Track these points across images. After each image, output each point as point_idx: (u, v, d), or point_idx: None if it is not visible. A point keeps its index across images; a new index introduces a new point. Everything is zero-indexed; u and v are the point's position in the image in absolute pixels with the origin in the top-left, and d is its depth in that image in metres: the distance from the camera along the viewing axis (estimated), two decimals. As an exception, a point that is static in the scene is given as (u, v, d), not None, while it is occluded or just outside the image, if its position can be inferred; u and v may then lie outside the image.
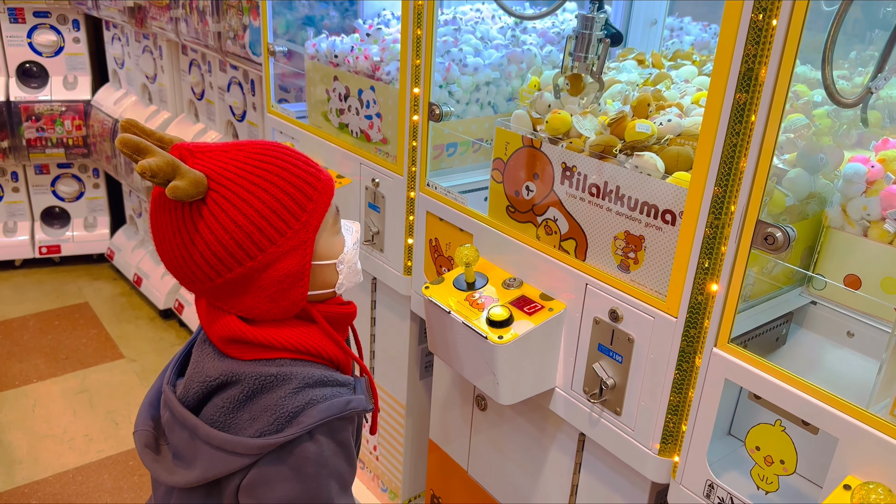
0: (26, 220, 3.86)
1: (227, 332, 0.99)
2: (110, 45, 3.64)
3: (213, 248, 0.94)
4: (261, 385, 0.97)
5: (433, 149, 1.63)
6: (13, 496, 2.38)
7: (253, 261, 0.95)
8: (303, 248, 0.98)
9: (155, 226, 0.98)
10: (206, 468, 0.97)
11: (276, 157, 0.98)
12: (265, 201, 0.94)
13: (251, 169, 0.95)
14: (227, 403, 0.98)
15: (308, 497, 0.97)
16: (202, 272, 0.96)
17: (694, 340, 1.11)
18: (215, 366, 1.00)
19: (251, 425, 0.96)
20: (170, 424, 1.03)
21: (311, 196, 0.98)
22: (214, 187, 0.93)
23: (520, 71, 1.77)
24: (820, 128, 1.23)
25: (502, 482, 1.64)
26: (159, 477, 1.02)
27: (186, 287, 1.01)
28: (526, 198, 1.36)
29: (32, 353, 3.17)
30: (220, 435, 0.96)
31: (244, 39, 2.34)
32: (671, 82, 1.49)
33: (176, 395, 1.02)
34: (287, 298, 0.99)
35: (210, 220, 0.93)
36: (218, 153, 0.96)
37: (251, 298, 0.98)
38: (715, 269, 1.05)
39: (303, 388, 0.96)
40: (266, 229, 0.95)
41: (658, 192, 1.13)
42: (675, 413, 1.17)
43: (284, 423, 0.95)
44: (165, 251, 0.97)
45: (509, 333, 1.26)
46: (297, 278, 0.98)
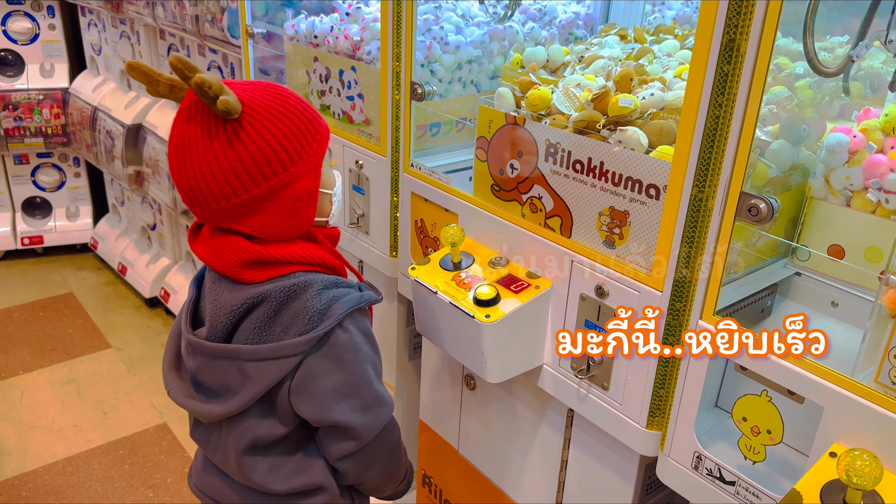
0: (7, 211, 3.82)
1: (242, 256, 1.08)
2: (87, 31, 3.58)
3: (247, 163, 1.03)
4: (286, 296, 1.07)
5: (416, 129, 1.62)
6: (3, 488, 2.37)
7: (277, 178, 1.06)
8: (315, 171, 1.10)
9: (182, 147, 1.04)
10: (258, 381, 1.08)
11: (288, 94, 1.10)
12: (288, 126, 1.06)
13: (273, 99, 1.07)
14: (257, 323, 1.08)
15: (353, 380, 1.11)
16: (229, 188, 1.04)
17: (679, 314, 1.11)
18: (237, 295, 1.09)
19: (287, 332, 1.07)
20: (205, 366, 1.13)
21: (318, 129, 1.11)
22: (246, 110, 1.04)
23: (502, 48, 1.76)
24: (802, 99, 1.23)
25: (493, 460, 1.64)
26: (211, 413, 1.12)
27: (202, 209, 1.07)
28: (510, 176, 1.35)
29: (18, 344, 3.14)
30: (264, 347, 1.07)
31: (222, 22, 2.31)
32: (653, 57, 1.49)
33: (202, 338, 1.12)
34: (300, 217, 1.10)
35: (243, 136, 1.03)
36: (239, 85, 1.07)
37: (270, 215, 1.08)
38: (699, 242, 1.05)
39: (323, 290, 1.09)
40: (289, 150, 1.06)
41: (642, 167, 1.13)
42: (661, 387, 1.17)
43: (318, 320, 1.07)
44: (192, 168, 1.04)
45: (496, 312, 1.26)
46: (310, 198, 1.11)
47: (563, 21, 1.90)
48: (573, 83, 1.36)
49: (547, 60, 1.62)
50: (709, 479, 1.11)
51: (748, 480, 1.05)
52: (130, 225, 3.69)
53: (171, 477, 2.44)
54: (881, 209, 1.06)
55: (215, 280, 1.13)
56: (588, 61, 1.51)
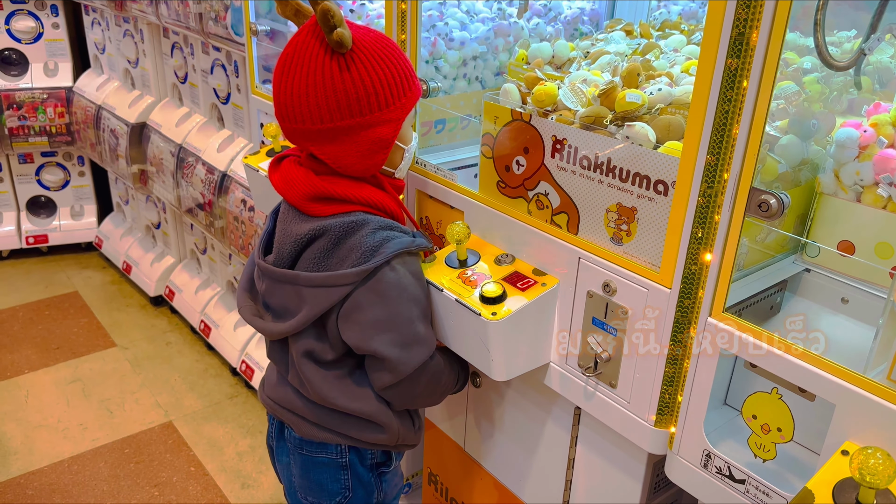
0: (12, 210, 3.82)
1: (310, 189, 1.20)
2: (90, 30, 3.58)
3: (339, 94, 1.12)
4: (344, 231, 1.18)
5: (421, 126, 1.61)
6: (9, 487, 2.38)
7: (362, 117, 1.15)
8: (397, 122, 1.19)
9: (289, 64, 1.14)
10: (312, 305, 1.19)
11: (396, 47, 1.20)
12: (387, 75, 1.15)
13: (382, 46, 1.16)
14: (317, 254, 1.20)
15: (394, 316, 1.20)
16: (319, 113, 1.14)
17: (688, 311, 1.10)
18: (302, 226, 1.21)
19: (341, 264, 1.18)
20: (271, 289, 1.26)
21: (412, 86, 1.21)
22: (355, 49, 1.13)
23: (507, 44, 1.75)
24: (811, 94, 1.22)
25: (499, 458, 1.64)
26: (272, 332, 1.26)
27: (290, 126, 1.17)
28: (517, 172, 1.34)
29: (23, 343, 3.14)
30: (319, 275, 1.18)
31: (226, 20, 2.30)
32: (660, 52, 1.48)
33: (269, 263, 1.24)
34: (371, 159, 1.20)
35: (345, 71, 1.12)
36: (355, 26, 1.16)
37: (346, 148, 1.17)
38: (708, 238, 1.04)
39: (378, 230, 1.19)
40: (381, 95, 1.15)
41: (650, 163, 1.12)
42: (670, 384, 1.16)
43: (369, 256, 1.17)
44: (292, 86, 1.13)
45: (503, 310, 1.25)
46: (385, 144, 1.19)
47: (569, 17, 1.89)
48: (579, 79, 1.35)
49: (552, 56, 1.61)
50: (718, 477, 1.10)
51: (758, 479, 1.04)
52: (135, 224, 3.69)
53: (177, 475, 2.44)
54: (892, 204, 1.05)
55: (286, 211, 1.25)
56: (594, 57, 1.51)
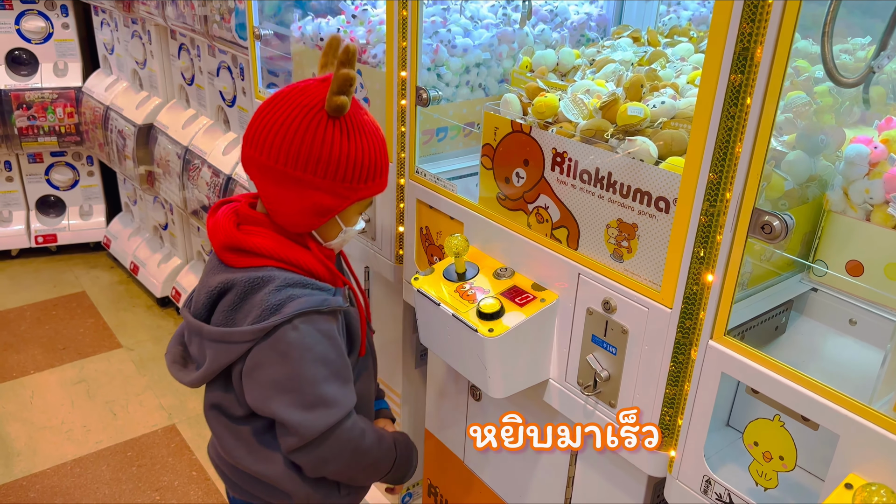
0: (21, 209, 3.83)
1: (226, 239, 1.18)
2: (100, 31, 3.58)
3: (305, 146, 1.12)
4: (250, 286, 1.15)
5: (422, 134, 1.58)
6: (11, 489, 2.38)
7: (315, 176, 1.14)
8: (345, 200, 1.18)
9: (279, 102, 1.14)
10: (212, 360, 1.17)
11: (381, 139, 1.21)
12: (358, 154, 1.15)
13: (370, 132, 1.18)
14: (226, 307, 1.17)
15: (294, 376, 1.14)
16: (282, 155, 1.12)
17: (689, 332, 1.07)
18: (216, 277, 1.19)
19: (244, 320, 1.15)
20: (189, 337, 1.24)
21: (376, 179, 1.20)
22: (346, 118, 1.14)
23: (511, 51, 1.71)
24: (821, 105, 1.18)
25: (499, 473, 1.61)
26: (181, 380, 1.24)
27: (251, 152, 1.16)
28: (516, 185, 1.32)
29: (30, 343, 3.15)
30: (219, 330, 1.16)
31: (231, 23, 2.28)
32: (666, 61, 1.44)
33: (190, 311, 1.23)
34: (305, 218, 1.18)
35: (320, 130, 1.12)
36: (358, 103, 1.19)
37: (288, 196, 1.16)
38: (710, 258, 1.01)
39: (284, 287, 1.15)
40: (343, 168, 1.14)
41: (651, 179, 1.08)
42: (671, 406, 1.13)
43: (269, 314, 1.13)
44: (269, 123, 1.13)
45: (500, 326, 1.22)
46: (324, 212, 1.18)
47: (575, 22, 1.85)
48: (582, 89, 1.32)
49: (557, 64, 1.58)
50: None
51: (759, 508, 1.01)
52: (143, 224, 3.70)
53: (179, 480, 2.43)
54: (903, 224, 1.01)
55: (211, 257, 1.23)
56: (599, 65, 1.47)
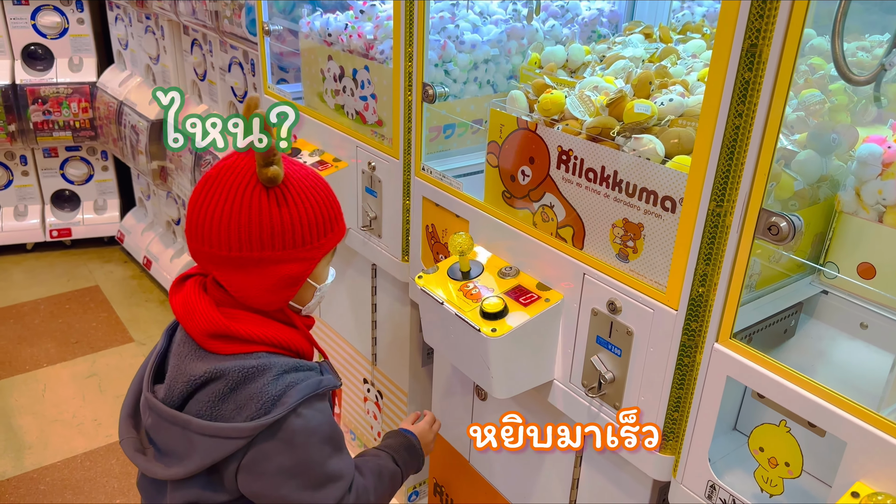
0: (37, 203, 3.86)
1: (210, 326, 1.09)
2: (114, 26, 3.59)
3: (253, 226, 1.06)
4: (244, 377, 1.07)
5: (430, 130, 1.57)
6: (22, 482, 2.39)
7: (273, 251, 1.08)
8: (310, 262, 1.12)
9: (211, 186, 1.07)
10: (203, 456, 1.07)
11: (325, 187, 1.15)
12: (309, 214, 1.10)
13: (309, 185, 1.11)
14: (212, 398, 1.07)
15: (302, 461, 1.10)
16: (229, 241, 1.06)
17: (695, 335, 1.05)
18: (198, 365, 1.09)
19: (239, 413, 1.07)
20: (156, 426, 1.11)
21: (334, 228, 1.15)
22: (282, 184, 1.07)
23: (521, 47, 1.70)
24: (836, 104, 1.15)
25: (504, 473, 1.60)
26: (156, 474, 1.11)
27: (198, 247, 1.09)
28: (522, 183, 1.30)
29: (43, 337, 3.17)
30: (214, 424, 1.06)
31: (241, 18, 2.28)
32: (677, 58, 1.41)
33: (159, 398, 1.10)
34: (277, 294, 1.12)
35: (264, 205, 1.06)
36: (288, 161, 1.11)
37: (252, 280, 1.09)
38: (716, 260, 0.99)
39: (281, 375, 1.09)
40: (299, 233, 1.09)
41: (657, 178, 1.06)
42: (676, 409, 1.11)
43: (270, 406, 1.06)
44: (208, 211, 1.07)
45: (503, 326, 1.21)
46: (293, 281, 1.12)
47: (587, 18, 1.83)
48: (590, 86, 1.30)
49: (566, 60, 1.56)
50: (723, 509, 1.05)
51: (765, 514, 0.99)
52: (156, 219, 3.71)
53: (187, 474, 2.44)
54: (916, 227, 0.98)
55: (184, 341, 1.12)
56: (609, 61, 1.45)
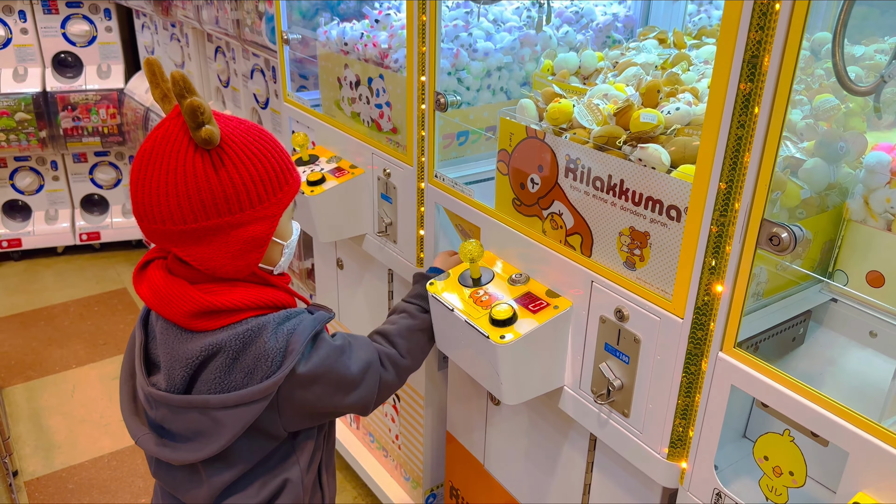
0: (67, 207, 3.96)
1: (191, 307, 1.06)
2: (140, 33, 3.67)
3: (203, 194, 1.02)
4: (242, 343, 1.06)
5: (443, 137, 1.59)
6: (51, 480, 2.46)
7: (231, 216, 1.04)
8: (272, 220, 1.09)
9: (146, 161, 1.03)
10: (234, 426, 1.07)
11: (269, 139, 1.10)
12: (258, 170, 1.06)
13: (253, 140, 1.07)
14: (217, 373, 1.06)
15: (333, 383, 1.15)
16: (180, 214, 1.02)
17: (701, 343, 1.06)
18: (190, 346, 1.06)
19: (251, 378, 1.07)
20: (170, 417, 1.10)
21: (288, 180, 1.11)
22: (222, 144, 1.03)
23: (534, 54, 1.71)
24: (851, 108, 1.15)
25: (517, 477, 1.61)
26: (188, 459, 1.10)
27: (149, 226, 1.05)
28: (531, 191, 1.31)
29: (72, 338, 3.25)
30: (234, 394, 1.06)
31: (261, 27, 2.32)
32: (689, 64, 1.42)
33: (161, 389, 1.09)
34: (244, 259, 1.08)
35: (210, 169, 1.02)
36: (223, 118, 1.06)
37: (214, 250, 1.06)
38: (721, 269, 0.99)
39: (277, 328, 1.08)
40: (251, 193, 1.05)
41: (662, 187, 1.07)
42: (683, 417, 1.12)
43: (280, 359, 1.07)
44: (150, 184, 1.02)
45: (513, 332, 1.22)
46: (259, 243, 1.08)
47: (601, 24, 1.83)
48: (600, 93, 1.31)
49: (579, 66, 1.57)
50: (729, 517, 1.05)
51: (770, 523, 0.99)
52: (182, 222, 3.78)
53: (210, 475, 2.48)
54: (924, 236, 0.98)
55: (165, 327, 1.09)
56: (621, 68, 1.46)
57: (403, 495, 2.16)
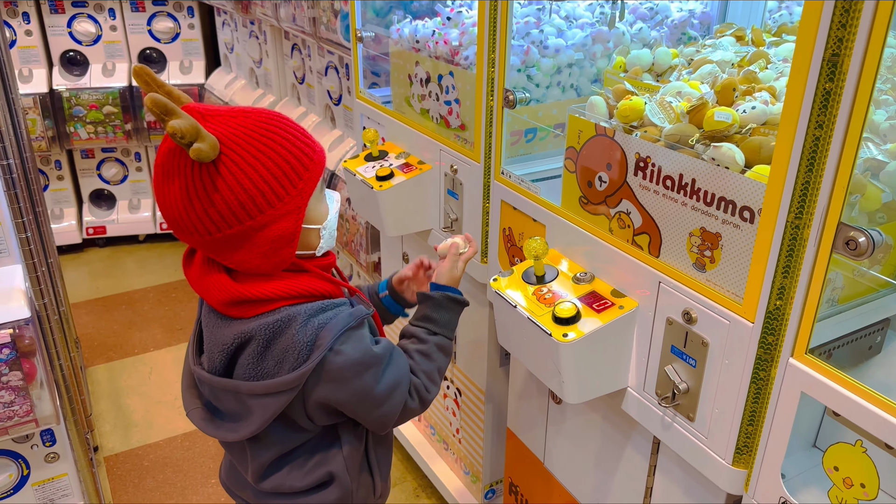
0: (149, 197, 4.13)
1: (225, 296, 1.09)
2: (221, 30, 3.79)
3: (218, 206, 1.02)
4: (272, 333, 1.08)
5: (511, 134, 1.59)
6: (128, 457, 2.58)
7: (252, 220, 1.04)
8: (297, 212, 1.07)
9: (161, 178, 1.04)
10: (262, 413, 1.11)
11: (278, 128, 1.06)
12: (269, 168, 1.03)
13: (258, 137, 1.03)
14: (250, 360, 1.09)
15: (356, 392, 1.13)
16: (203, 226, 1.04)
17: (771, 348, 1.03)
18: (226, 332, 1.10)
19: (281, 367, 1.08)
20: (214, 394, 1.16)
21: (308, 166, 1.07)
22: (225, 151, 1.01)
23: (606, 51, 1.69)
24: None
25: (577, 477, 1.60)
26: (226, 438, 1.17)
27: (183, 238, 1.08)
28: (599, 189, 1.30)
29: (151, 323, 3.40)
30: (261, 383, 1.09)
31: (336, 25, 2.37)
32: (767, 62, 1.38)
33: (205, 369, 1.14)
34: (277, 256, 1.08)
35: (218, 180, 1.01)
36: (227, 118, 1.04)
37: (245, 253, 1.06)
38: (794, 273, 0.97)
39: (308, 320, 1.08)
40: (267, 193, 1.03)
41: (736, 187, 1.05)
42: (750, 423, 1.09)
43: (308, 352, 1.07)
44: (169, 201, 1.04)
45: (576, 331, 1.22)
46: (288, 239, 1.08)
47: (676, 20, 1.80)
48: (673, 91, 1.29)
49: (652, 64, 1.54)
50: (796, 528, 1.03)
51: (839, 536, 0.96)
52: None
53: (276, 459, 2.56)
54: None
55: (208, 311, 1.14)
56: (696, 65, 1.43)
57: (463, 489, 2.18)
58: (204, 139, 0.98)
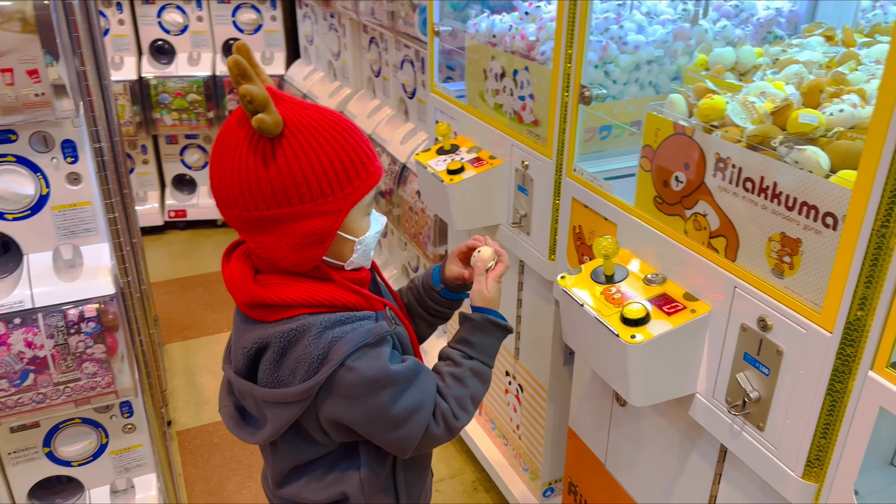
0: (227, 184, 4.26)
1: (246, 297, 1.09)
2: (302, 23, 3.88)
3: (262, 184, 1.01)
4: (286, 342, 1.06)
5: (585, 131, 1.58)
6: (199, 432, 2.68)
7: (291, 208, 1.02)
8: (336, 214, 1.05)
9: (218, 147, 1.05)
10: (273, 421, 1.10)
11: (344, 130, 1.05)
12: (322, 162, 1.02)
13: (322, 130, 1.03)
14: (268, 365, 1.08)
15: (370, 412, 1.09)
16: (243, 200, 1.03)
17: (849, 360, 0.99)
18: (247, 335, 1.10)
19: (294, 377, 1.07)
20: (241, 395, 1.17)
21: (360, 174, 1.06)
22: (286, 133, 1.01)
23: (688, 48, 1.65)
24: None
25: (639, 481, 1.58)
26: (246, 440, 1.17)
27: (222, 211, 1.08)
28: (675, 189, 1.28)
29: (226, 304, 3.51)
30: (272, 391, 1.08)
31: (414, 19, 2.39)
32: (857, 63, 1.32)
33: (234, 369, 1.14)
34: (305, 253, 1.06)
35: (270, 159, 1.01)
36: (299, 106, 1.04)
37: (275, 240, 1.05)
38: (878, 283, 0.93)
39: (323, 332, 1.06)
40: (313, 186, 1.02)
41: (819, 192, 1.01)
42: (823, 437, 1.05)
43: (318, 366, 1.05)
44: (219, 170, 1.04)
45: (644, 333, 1.20)
46: (320, 238, 1.06)
47: (762, 19, 1.74)
48: (757, 91, 1.25)
49: (735, 62, 1.50)
50: (869, 548, 0.99)
51: (915, 560, 0.92)
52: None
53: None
54: None
55: (238, 311, 1.14)
56: (781, 65, 1.38)
57: (521, 486, 2.18)
58: (271, 112, 0.98)
